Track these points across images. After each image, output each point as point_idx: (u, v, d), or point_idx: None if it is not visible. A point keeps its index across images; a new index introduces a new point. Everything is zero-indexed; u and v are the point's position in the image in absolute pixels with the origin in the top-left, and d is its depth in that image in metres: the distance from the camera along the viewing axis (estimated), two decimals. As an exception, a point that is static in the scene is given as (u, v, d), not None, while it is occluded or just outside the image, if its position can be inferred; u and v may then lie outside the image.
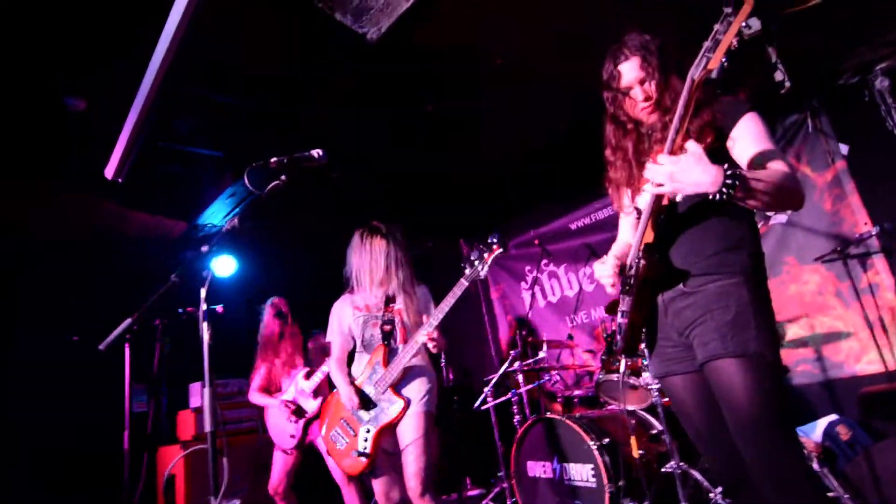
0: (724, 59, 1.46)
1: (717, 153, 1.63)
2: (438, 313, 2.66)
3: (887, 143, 3.66)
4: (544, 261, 5.82)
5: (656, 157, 1.58)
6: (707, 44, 1.49)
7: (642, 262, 1.71)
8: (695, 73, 1.51)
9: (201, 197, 4.79)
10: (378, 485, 2.74)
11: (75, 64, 3.09)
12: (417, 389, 2.75)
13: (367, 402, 2.75)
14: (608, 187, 1.97)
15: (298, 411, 3.85)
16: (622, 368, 3.14)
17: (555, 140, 4.67)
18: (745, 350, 1.57)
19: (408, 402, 2.68)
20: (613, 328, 3.91)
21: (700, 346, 1.66)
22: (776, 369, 1.61)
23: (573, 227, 5.78)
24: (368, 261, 2.90)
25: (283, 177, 1.99)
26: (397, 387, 2.73)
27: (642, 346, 1.89)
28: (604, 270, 1.87)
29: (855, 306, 3.89)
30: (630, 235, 2.06)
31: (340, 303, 3.06)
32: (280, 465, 3.89)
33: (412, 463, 2.59)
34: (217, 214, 4.99)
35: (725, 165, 1.48)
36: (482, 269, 2.69)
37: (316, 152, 2.04)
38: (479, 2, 2.91)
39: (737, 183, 1.45)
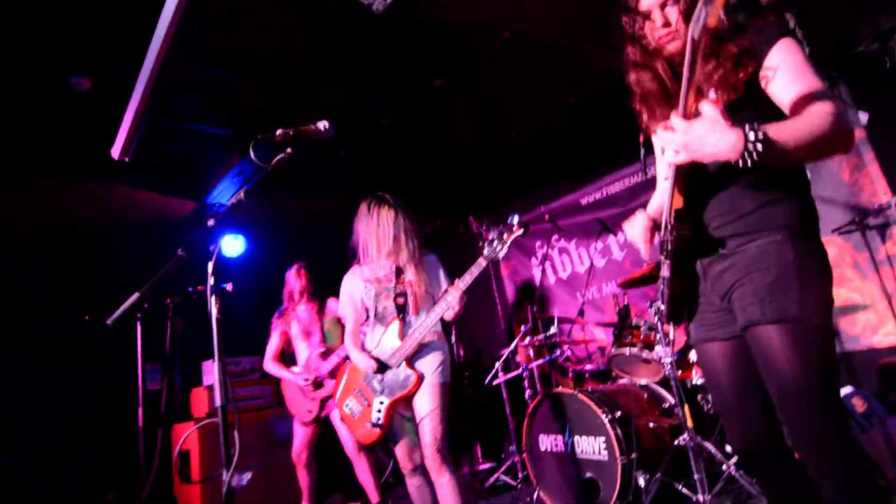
0: (723, 15, 1.27)
1: (755, 85, 1.49)
2: (455, 290, 2.64)
3: (908, 110, 3.57)
4: (555, 236, 5.77)
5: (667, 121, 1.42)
6: None
7: (673, 233, 1.58)
8: (694, 31, 1.28)
9: (209, 176, 4.77)
10: (400, 448, 2.79)
11: (77, 44, 3.05)
12: (431, 362, 2.76)
13: (382, 373, 2.78)
14: (639, 108, 1.76)
15: (318, 384, 3.93)
16: (671, 335, 3.04)
17: (565, 115, 4.59)
18: (784, 315, 1.44)
19: (421, 376, 2.70)
20: (626, 302, 3.88)
21: (740, 309, 1.54)
22: (824, 333, 1.46)
23: (584, 202, 5.72)
24: (376, 230, 2.87)
25: (288, 150, 1.96)
26: (412, 360, 2.75)
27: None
28: (635, 231, 1.77)
29: (873, 278, 3.83)
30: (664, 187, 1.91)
31: (350, 276, 3.06)
32: (301, 435, 4.02)
33: (429, 433, 2.64)
34: (225, 193, 4.97)
35: (746, 126, 1.31)
36: (501, 250, 2.66)
37: (322, 124, 2.01)
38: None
39: (760, 147, 1.28)
